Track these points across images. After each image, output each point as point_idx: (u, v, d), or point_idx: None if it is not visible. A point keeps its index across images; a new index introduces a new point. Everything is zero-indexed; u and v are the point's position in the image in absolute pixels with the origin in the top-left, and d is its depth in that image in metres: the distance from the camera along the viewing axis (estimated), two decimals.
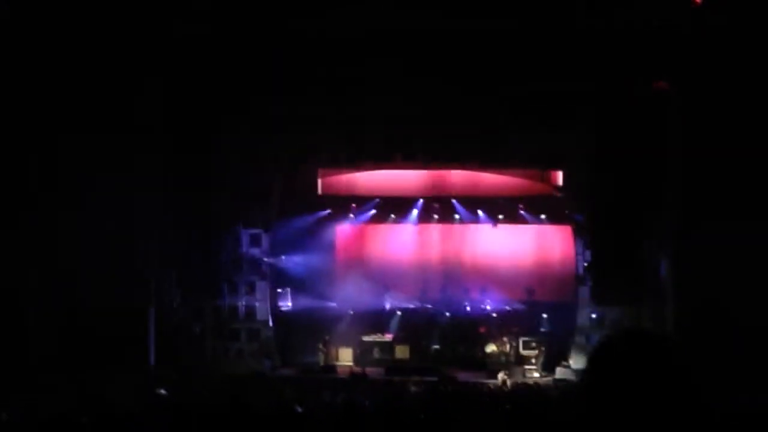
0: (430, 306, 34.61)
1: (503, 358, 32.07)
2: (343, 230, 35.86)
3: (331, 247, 35.59)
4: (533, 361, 31.83)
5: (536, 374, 31.09)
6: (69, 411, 12.16)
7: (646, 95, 28.78)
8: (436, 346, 33.80)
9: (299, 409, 12.22)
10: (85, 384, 24.30)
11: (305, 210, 34.40)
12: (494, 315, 33.68)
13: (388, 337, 33.56)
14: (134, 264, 29.44)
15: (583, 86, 28.27)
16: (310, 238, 34.46)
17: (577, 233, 32.31)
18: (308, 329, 33.59)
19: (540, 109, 28.92)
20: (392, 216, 35.09)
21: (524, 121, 29.80)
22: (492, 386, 27.27)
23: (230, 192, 31.59)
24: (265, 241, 33.24)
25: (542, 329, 33.07)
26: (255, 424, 10.46)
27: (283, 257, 34.01)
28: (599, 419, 2.69)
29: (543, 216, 34.19)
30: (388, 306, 34.51)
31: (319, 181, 34.51)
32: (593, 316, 31.63)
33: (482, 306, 33.90)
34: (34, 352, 27.53)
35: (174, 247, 30.52)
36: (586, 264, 31.75)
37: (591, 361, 2.89)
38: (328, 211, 34.82)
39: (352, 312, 34.11)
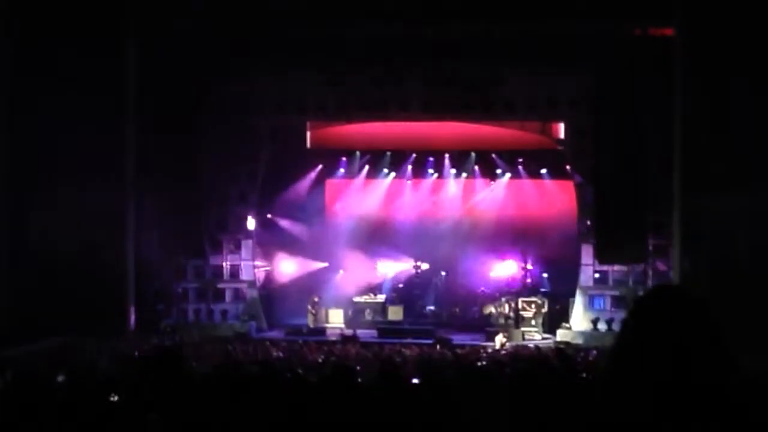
0: (425, 265, 33.38)
1: (502, 320, 30.91)
2: (333, 185, 34.50)
3: (320, 203, 34.29)
4: (533, 322, 30.60)
5: (537, 336, 29.87)
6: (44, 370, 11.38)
7: (648, 38, 28.05)
8: (431, 307, 32.95)
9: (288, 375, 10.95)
10: (63, 347, 23.56)
11: (294, 164, 33.01)
12: (492, 274, 32.49)
13: (381, 297, 32.35)
14: (112, 223, 28.41)
15: (582, 28, 27.51)
16: (299, 194, 33.12)
17: (579, 189, 30.94)
18: (297, 290, 32.38)
19: (538, 52, 27.89)
20: (384, 171, 33.74)
21: (522, 64, 28.53)
22: (490, 349, 26.23)
23: (214, 146, 30.36)
24: (251, 197, 31.71)
25: (542, 289, 32.00)
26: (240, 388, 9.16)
27: (270, 214, 32.61)
28: (635, 375, 2.71)
29: (543, 171, 32.82)
30: (380, 265, 33.46)
31: (308, 134, 32.99)
32: (596, 275, 30.35)
33: (479, 265, 32.69)
34: (6, 315, 26.56)
35: (154, 203, 29.28)
36: (588, 221, 30.46)
37: (632, 315, 2.87)
38: (319, 166, 33.51)
39: (342, 272, 32.90)
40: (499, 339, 27.71)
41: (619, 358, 2.82)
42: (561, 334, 29.17)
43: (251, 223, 31.86)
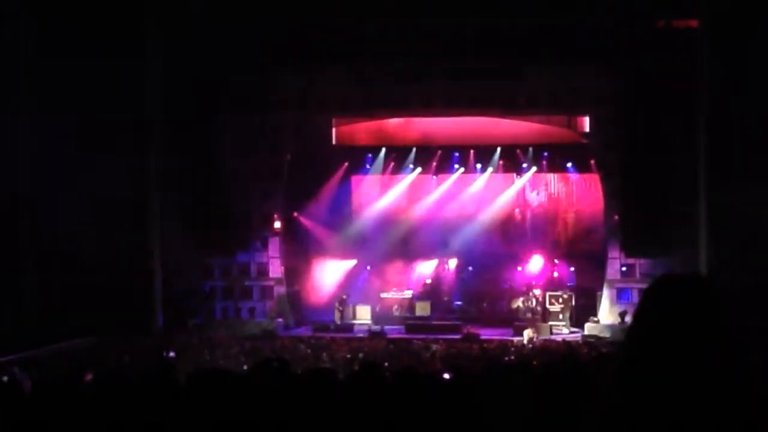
0: (452, 260, 33.29)
1: (529, 315, 30.76)
2: (358, 182, 34.44)
3: (346, 199, 34.22)
4: (561, 316, 30.46)
5: (564, 330, 29.74)
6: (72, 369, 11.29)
7: (672, 30, 27.95)
8: (458, 303, 32.79)
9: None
10: (91, 347, 23.68)
11: (319, 161, 32.96)
12: (519, 269, 32.40)
13: (408, 293, 32.27)
14: (138, 222, 28.48)
15: (605, 21, 27.49)
16: (324, 191, 33.08)
17: (605, 182, 30.77)
18: (324, 287, 32.41)
19: (561, 45, 27.84)
20: (410, 167, 33.57)
21: (546, 58, 28.40)
22: (518, 344, 26.13)
23: (239, 144, 30.43)
24: (277, 194, 31.71)
25: (569, 283, 31.81)
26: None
27: (296, 211, 32.61)
28: (646, 362, 2.68)
29: (569, 165, 32.63)
30: (406, 261, 33.36)
31: (333, 131, 32.97)
32: (623, 268, 30.19)
33: (506, 260, 32.60)
34: (33, 312, 26.64)
35: (180, 201, 29.34)
36: (614, 214, 30.31)
37: (643, 303, 2.82)
38: (345, 163, 33.46)
39: (369, 268, 32.86)
40: (527, 333, 27.57)
41: (629, 351, 2.77)
42: (589, 328, 28.99)
43: (277, 221, 31.84)
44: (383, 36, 28.28)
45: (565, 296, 30.81)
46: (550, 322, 30.04)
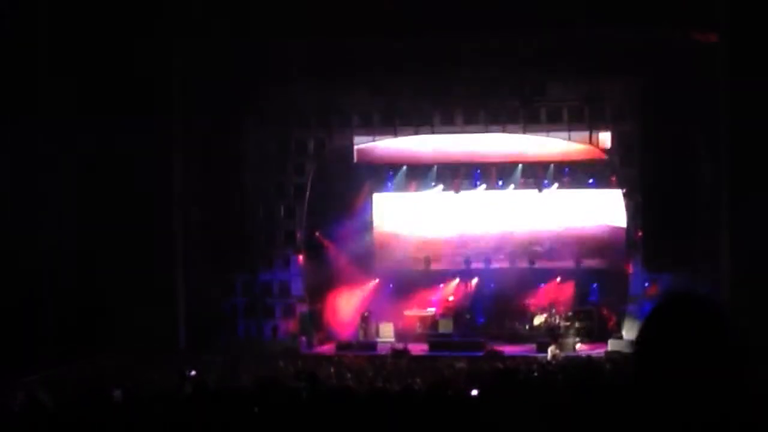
0: (474, 277, 33.22)
1: (553, 331, 30.67)
2: (380, 199, 34.45)
3: (368, 217, 34.22)
4: (584, 333, 30.41)
5: (587, 346, 29.66)
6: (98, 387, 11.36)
7: (692, 44, 27.63)
8: (481, 320, 32.70)
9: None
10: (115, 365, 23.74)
11: (341, 179, 32.99)
12: (541, 286, 32.33)
13: (431, 311, 32.25)
14: (160, 239, 28.56)
15: (626, 35, 27.45)
16: (346, 209, 33.10)
17: (628, 198, 30.74)
18: (347, 305, 32.39)
19: (582, 60, 27.90)
20: (432, 184, 33.56)
21: (566, 73, 28.46)
22: (542, 360, 26.05)
23: (261, 161, 30.56)
24: (299, 211, 31.78)
25: (592, 299, 31.71)
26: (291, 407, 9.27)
27: (318, 228, 32.65)
28: (651, 383, 2.72)
29: (591, 181, 32.60)
30: (429, 278, 33.28)
31: (355, 149, 33.04)
32: (646, 284, 30.10)
33: (528, 276, 32.57)
34: (51, 331, 26.73)
35: (202, 218, 29.46)
36: (637, 230, 30.26)
37: (644, 325, 2.89)
38: (366, 182, 33.50)
39: (391, 285, 32.85)
40: (551, 350, 27.54)
41: (638, 367, 2.82)
42: (612, 344, 28.85)
43: (300, 239, 31.88)
44: (404, 53, 28.37)
45: (589, 312, 30.75)
46: (574, 339, 29.98)
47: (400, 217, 34.35)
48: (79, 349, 24.72)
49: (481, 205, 33.87)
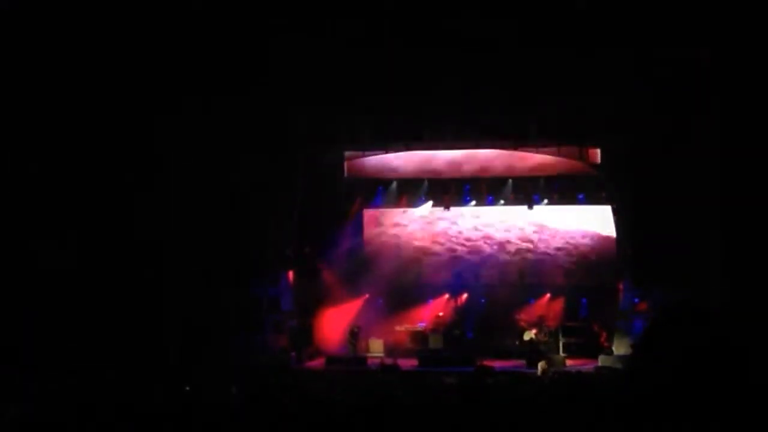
0: (463, 293, 33.23)
1: (542, 347, 30.72)
2: (370, 215, 34.47)
3: (358, 232, 34.24)
4: (574, 348, 30.41)
5: (578, 362, 29.67)
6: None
7: (677, 60, 27.62)
8: (471, 335, 32.73)
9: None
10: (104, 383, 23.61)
11: (331, 194, 32.96)
12: (531, 301, 32.37)
13: (421, 326, 32.26)
14: (152, 253, 28.51)
15: (615, 53, 27.38)
16: (336, 224, 33.08)
17: (618, 213, 30.80)
18: (336, 320, 32.35)
19: (571, 76, 27.83)
20: (422, 198, 33.61)
21: (556, 89, 28.47)
22: (532, 376, 26.05)
23: (253, 176, 30.51)
24: (289, 226, 31.74)
25: (582, 314, 31.72)
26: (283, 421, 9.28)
27: (308, 244, 32.61)
28: (648, 394, 2.71)
29: (580, 196, 32.66)
30: (419, 293, 33.39)
31: (345, 164, 33.03)
32: (636, 300, 30.13)
33: (518, 292, 32.63)
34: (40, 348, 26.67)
35: (193, 232, 29.42)
36: (626, 245, 30.31)
37: (644, 335, 2.96)
38: (357, 197, 33.54)
39: (381, 300, 32.83)
40: (541, 365, 27.51)
41: (633, 377, 2.89)
42: (602, 360, 28.89)
43: (290, 254, 31.83)
44: (394, 68, 28.37)
45: (578, 328, 30.78)
46: (564, 354, 29.99)
47: (391, 232, 34.36)
48: (73, 364, 24.61)
49: (471, 220, 33.93)
